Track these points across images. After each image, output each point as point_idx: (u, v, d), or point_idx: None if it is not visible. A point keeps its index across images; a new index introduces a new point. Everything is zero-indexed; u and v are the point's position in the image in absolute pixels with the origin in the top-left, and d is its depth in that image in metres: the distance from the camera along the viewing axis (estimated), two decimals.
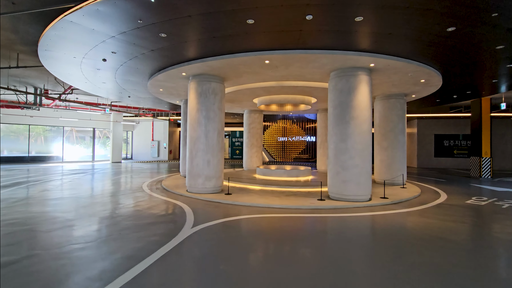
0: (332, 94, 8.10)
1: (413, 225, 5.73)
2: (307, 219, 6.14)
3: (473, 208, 7.43)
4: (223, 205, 7.39)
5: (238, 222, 5.79)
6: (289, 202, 7.49)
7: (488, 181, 13.20)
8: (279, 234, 5.06)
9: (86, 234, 4.85)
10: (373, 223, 5.90)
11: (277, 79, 9.04)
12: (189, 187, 8.85)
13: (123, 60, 7.60)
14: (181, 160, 13.52)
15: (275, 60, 7.12)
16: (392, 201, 7.96)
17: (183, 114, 13.42)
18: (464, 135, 21.95)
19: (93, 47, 6.55)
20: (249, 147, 16.50)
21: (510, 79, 9.32)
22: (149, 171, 15.98)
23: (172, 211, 6.67)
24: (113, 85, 10.92)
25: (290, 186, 9.76)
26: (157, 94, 11.89)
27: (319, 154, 15.96)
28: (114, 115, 22.25)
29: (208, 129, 8.61)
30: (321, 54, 6.67)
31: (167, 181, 11.33)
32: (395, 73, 8.19)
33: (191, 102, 8.79)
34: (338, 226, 5.66)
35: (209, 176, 8.62)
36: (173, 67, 8.06)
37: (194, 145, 8.67)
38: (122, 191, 9.35)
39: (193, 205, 7.29)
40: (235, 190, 9.13)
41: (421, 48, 6.45)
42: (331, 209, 7.04)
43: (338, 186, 7.86)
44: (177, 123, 26.87)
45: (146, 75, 9.23)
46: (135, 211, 6.52)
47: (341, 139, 7.82)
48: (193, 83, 8.73)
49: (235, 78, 8.89)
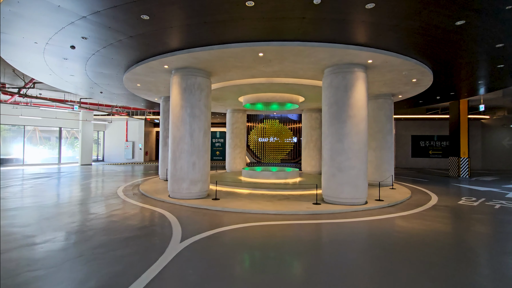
0: (327, 91, 7.66)
1: (423, 232, 5.38)
2: (308, 228, 5.59)
3: (468, 209, 7.30)
4: (212, 212, 6.65)
5: (233, 233, 5.11)
6: (283, 207, 6.92)
7: (467, 181, 13.54)
8: (285, 248, 4.45)
9: (50, 256, 3.93)
10: (380, 230, 5.47)
11: (268, 75, 8.45)
12: (171, 192, 7.99)
13: (95, 48, 6.63)
14: (160, 162, 12.51)
15: (269, 53, 6.53)
16: (388, 203, 7.66)
17: (163, 113, 12.43)
18: (439, 136, 22.80)
19: (59, 30, 5.56)
20: (232, 148, 15.78)
21: (495, 81, 9.46)
22: (124, 174, 14.73)
23: (155, 221, 5.83)
24: (83, 79, 9.75)
25: (280, 189, 9.21)
26: (134, 90, 10.84)
27: (304, 155, 15.61)
28: (83, 113, 20.50)
29: (193, 128, 7.82)
30: (320, 47, 6.18)
31: (145, 186, 10.32)
32: (390, 71, 7.93)
33: (174, 98, 7.95)
34: (345, 236, 5.15)
35: (195, 180, 7.83)
36: (154, 58, 7.19)
37: (178, 145, 7.84)
38: (93, 197, 8.26)
39: (178, 213, 6.48)
40: (222, 195, 8.41)
41: (424, 43, 6.17)
42: (329, 214, 6.56)
43: (334, 188, 7.41)
44: (153, 123, 25.45)
45: (122, 68, 8.25)
46: (111, 223, 5.60)
47: (337, 139, 7.39)
48: (176, 77, 7.90)
49: (223, 73, 8.19)
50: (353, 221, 5.98)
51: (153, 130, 26.33)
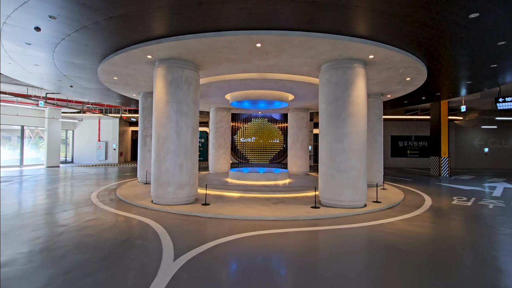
0: (325, 88, 7.23)
1: (434, 237, 5.06)
2: (314, 236, 5.08)
3: (465, 209, 7.19)
4: (204, 220, 5.94)
5: (233, 245, 4.46)
6: (281, 212, 6.37)
7: (448, 180, 13.84)
8: (297, 264, 3.89)
9: (6, 285, 3.06)
10: (391, 237, 5.07)
11: (261, 70, 7.87)
12: (155, 197, 7.15)
13: (66, 32, 5.67)
14: (139, 163, 11.48)
15: (268, 44, 5.95)
16: (387, 205, 7.37)
17: (142, 110, 11.42)
18: (416, 136, 23.53)
19: (20, 4, 4.60)
20: (216, 148, 15.01)
21: (483, 81, 9.57)
22: (96, 177, 13.45)
23: (139, 233, 5.03)
24: (50, 70, 8.58)
25: (273, 191, 8.66)
26: (110, 84, 9.78)
27: (291, 155, 15.20)
28: (50, 110, 18.67)
29: (180, 126, 7.04)
30: (324, 38, 5.70)
31: (123, 190, 9.32)
32: (387, 69, 7.66)
33: (159, 93, 7.13)
34: (358, 245, 4.70)
35: (182, 184, 7.05)
36: (136, 47, 6.34)
37: (163, 145, 7.02)
38: (62, 205, 7.20)
39: (165, 222, 5.70)
40: (211, 199, 7.70)
41: (430, 37, 5.90)
42: (331, 219, 6.11)
43: (333, 191, 6.99)
44: (129, 122, 23.90)
45: (97, 57, 7.27)
46: (85, 237, 4.73)
47: (337, 138, 6.98)
48: (161, 70, 7.08)
49: (213, 66, 7.49)
50: (359, 227, 5.55)
51: (129, 129, 24.76)
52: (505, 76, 8.84)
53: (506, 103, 10.57)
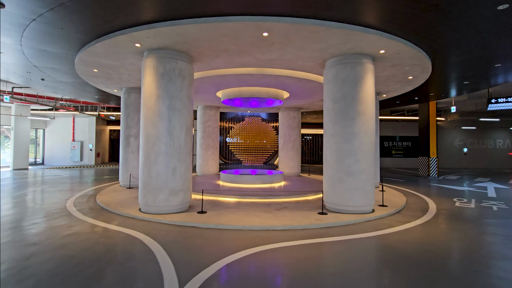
0: (332, 85, 6.72)
1: (467, 247, 4.67)
2: (334, 249, 4.51)
3: (473, 212, 6.95)
4: (204, 232, 5.21)
5: (246, 265, 3.78)
6: (288, 220, 5.77)
7: (438, 180, 13.90)
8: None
9: None
10: (420, 248, 4.62)
11: (261, 64, 7.24)
12: (144, 205, 6.30)
13: (37, 10, 4.73)
14: (121, 166, 10.45)
15: (276, 33, 5.32)
16: (395, 209, 7.00)
17: (124, 107, 10.40)
18: (401, 137, 23.91)
19: None
20: (204, 149, 14.18)
21: (481, 81, 9.51)
22: (71, 181, 12.19)
23: (130, 252, 4.22)
24: (17, 59, 7.44)
25: (271, 195, 8.05)
26: (89, 77, 8.73)
27: (282, 156, 14.70)
28: (17, 106, 16.91)
29: (173, 124, 6.25)
30: (338, 29, 5.15)
31: (104, 196, 8.32)
32: (393, 65, 7.29)
33: (148, 87, 6.29)
34: (391, 260, 4.18)
35: (175, 190, 6.26)
36: (123, 32, 5.48)
37: (153, 146, 6.19)
38: (32, 217, 6.17)
39: (159, 235, 4.91)
40: (206, 205, 6.95)
41: (447, 32, 5.53)
42: (344, 228, 5.59)
43: (341, 195, 6.49)
44: (107, 120, 22.35)
45: (75, 44, 6.31)
46: (62, 260, 3.86)
47: (345, 139, 6.48)
48: (151, 61, 6.24)
49: (209, 58, 6.75)
50: (378, 237, 5.06)
51: (107, 128, 23.21)
52: (506, 76, 8.78)
53: (498, 104, 10.64)
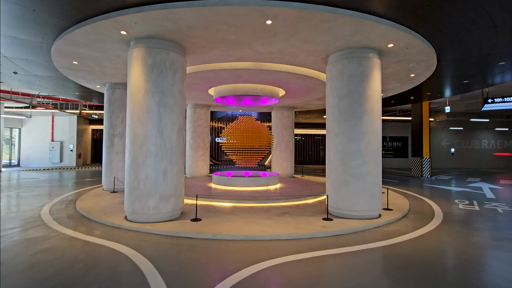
0: (336, 81, 6.26)
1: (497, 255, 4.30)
2: (350, 262, 4.02)
3: (480, 215, 6.68)
4: (200, 243, 4.60)
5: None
6: (292, 228, 5.25)
7: (431, 180, 13.81)
8: None
9: None
10: (446, 258, 4.21)
11: (259, 58, 6.70)
12: (131, 213, 5.62)
13: None
14: (104, 168, 9.62)
15: (281, 21, 4.79)
16: (401, 213, 6.62)
17: (108, 104, 9.59)
18: (391, 137, 24.00)
19: None
20: (194, 150, 13.49)
21: (481, 80, 9.36)
22: (49, 184, 11.22)
23: (115, 272, 3.57)
24: None
25: (269, 199, 7.52)
26: (68, 71, 7.91)
27: (275, 156, 14.22)
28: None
29: (164, 122, 5.60)
30: (351, 17, 4.68)
31: (84, 201, 7.52)
32: (398, 62, 6.92)
33: (135, 81, 5.61)
34: (428, 276, 3.73)
35: (166, 195, 5.61)
36: (106, 16, 4.80)
37: (141, 147, 5.52)
38: (1, 228, 5.36)
39: (148, 250, 4.27)
40: (200, 211, 6.34)
41: (465, 22, 5.18)
42: (354, 235, 5.13)
43: (347, 199, 6.04)
44: (89, 119, 21.17)
45: (51, 30, 5.55)
46: (31, 284, 3.17)
47: (351, 139, 6.04)
48: (139, 51, 5.57)
49: (203, 50, 6.15)
50: (395, 245, 4.62)
51: (89, 127, 22.01)
52: (504, 76, 8.64)
53: (495, 104, 10.57)
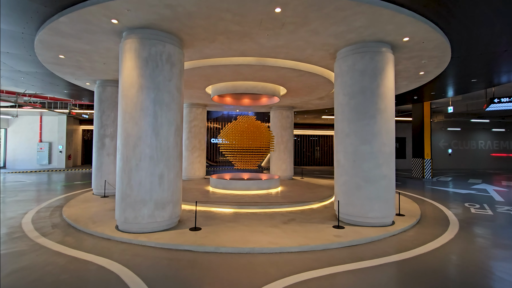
0: (347, 77, 5.81)
1: None
2: (378, 280, 3.55)
3: (498, 221, 6.31)
4: (201, 257, 4.07)
5: None
6: (302, 238, 4.77)
7: (433, 182, 13.52)
8: None
9: None
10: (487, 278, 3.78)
11: (263, 53, 6.23)
12: (123, 222, 5.05)
13: None
14: (94, 170, 9.00)
15: (292, 9, 4.31)
16: (415, 219, 6.20)
17: (99, 103, 8.97)
18: None
19: None
20: (190, 151, 12.93)
21: (489, 79, 9.05)
22: (36, 188, 10.53)
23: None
24: None
25: (272, 204, 7.02)
26: (54, 66, 7.29)
27: (274, 157, 13.76)
28: None
29: (160, 122, 5.06)
30: (369, 5, 4.21)
31: (72, 208, 6.91)
32: (410, 58, 6.51)
33: (128, 75, 5.06)
34: None
35: (163, 202, 5.07)
36: (94, 2, 4.25)
37: (135, 149, 4.97)
38: None
39: (143, 267, 3.73)
40: (199, 219, 5.81)
41: (493, 15, 4.79)
42: (370, 246, 4.67)
43: (359, 205, 5.59)
44: (79, 119, 20.37)
45: (33, 18, 4.96)
46: None
47: (363, 139, 5.59)
48: (132, 42, 5.03)
49: (202, 43, 5.63)
50: (420, 258, 4.17)
51: (79, 127, 21.20)
52: (510, 75, 8.33)
53: (501, 103, 10.30)
